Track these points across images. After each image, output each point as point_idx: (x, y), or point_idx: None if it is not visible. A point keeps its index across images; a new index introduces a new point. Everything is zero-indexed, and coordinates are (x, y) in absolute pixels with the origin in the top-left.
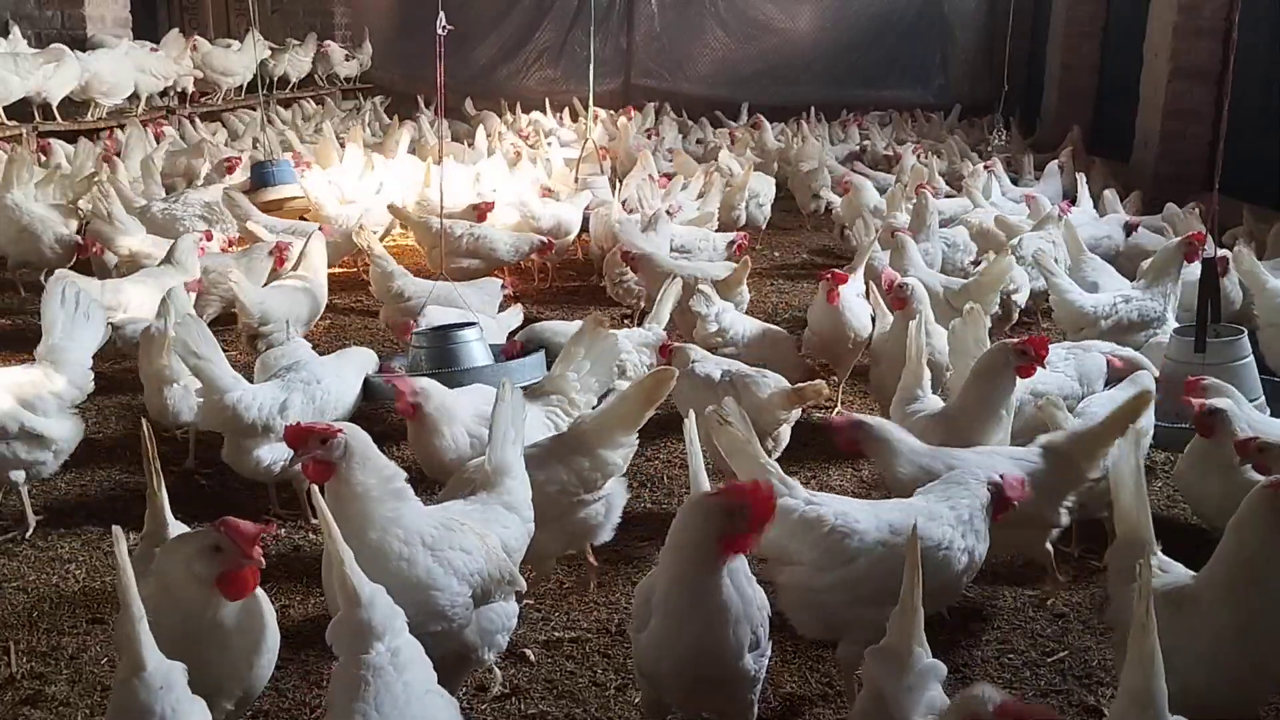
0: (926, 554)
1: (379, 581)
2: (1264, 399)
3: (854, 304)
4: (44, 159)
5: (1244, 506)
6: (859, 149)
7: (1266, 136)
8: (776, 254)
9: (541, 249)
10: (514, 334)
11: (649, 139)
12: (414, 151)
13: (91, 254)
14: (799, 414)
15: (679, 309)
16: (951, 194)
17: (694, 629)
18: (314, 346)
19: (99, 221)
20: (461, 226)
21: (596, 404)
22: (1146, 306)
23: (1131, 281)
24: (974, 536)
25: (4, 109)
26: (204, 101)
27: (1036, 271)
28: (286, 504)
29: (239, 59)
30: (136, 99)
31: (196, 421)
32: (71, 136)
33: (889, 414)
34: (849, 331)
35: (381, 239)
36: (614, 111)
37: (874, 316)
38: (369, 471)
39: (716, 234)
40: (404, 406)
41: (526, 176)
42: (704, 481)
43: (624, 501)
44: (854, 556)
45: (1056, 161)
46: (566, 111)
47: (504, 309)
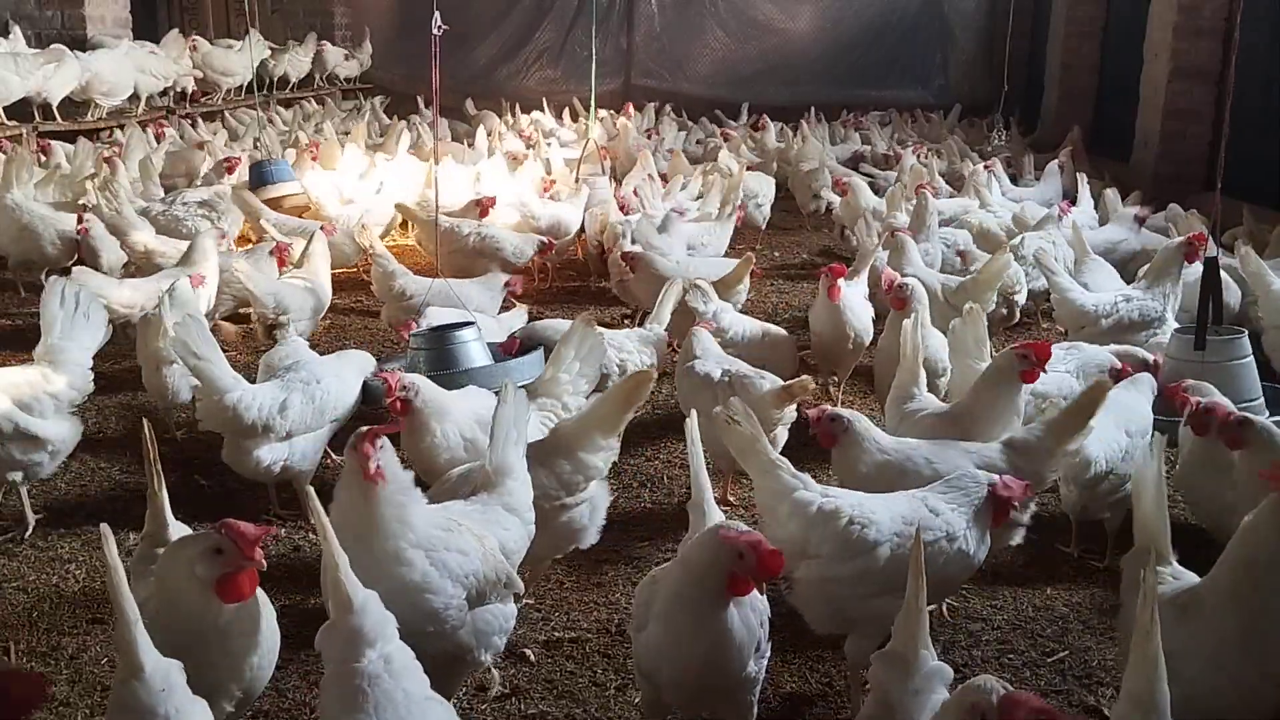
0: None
1: (378, 582)
2: (1263, 401)
3: (855, 304)
4: (44, 159)
5: (1257, 512)
6: (861, 152)
7: (1266, 136)
8: (776, 254)
9: (542, 250)
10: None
11: (649, 139)
12: (413, 151)
13: (78, 232)
14: (794, 414)
15: (679, 309)
16: (952, 194)
17: (698, 650)
18: (313, 347)
19: (115, 217)
20: (469, 226)
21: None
22: (1147, 306)
23: (1131, 283)
24: (969, 534)
25: (4, 109)
26: (204, 101)
27: (1037, 271)
28: (286, 504)
29: (239, 59)
30: (136, 99)
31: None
32: (71, 136)
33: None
34: (849, 330)
35: (381, 239)
36: (614, 111)
37: (874, 319)
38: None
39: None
40: (392, 401)
41: (527, 176)
42: (705, 482)
43: (607, 504)
44: (872, 547)
45: (1056, 161)
46: (567, 112)
47: (506, 309)
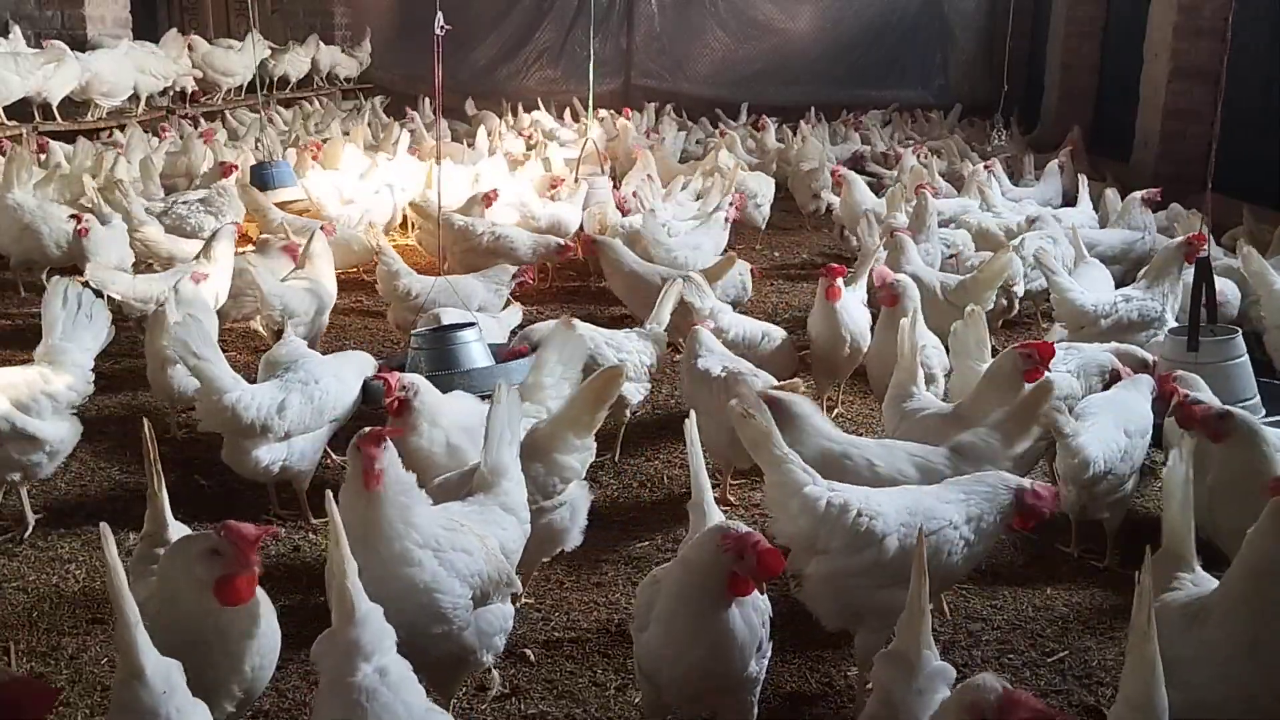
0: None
1: (387, 583)
2: (1259, 400)
3: (853, 310)
4: (43, 158)
5: (1262, 519)
6: (861, 152)
7: (1266, 136)
8: (776, 254)
9: (560, 250)
10: (514, 332)
11: (648, 139)
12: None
13: (77, 233)
14: None
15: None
16: (952, 194)
17: (699, 650)
18: (313, 346)
19: (146, 229)
20: (483, 225)
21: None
22: (1147, 306)
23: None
24: (975, 532)
25: (4, 109)
26: (203, 102)
27: (1037, 270)
28: (286, 504)
29: (239, 59)
30: (136, 99)
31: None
32: (71, 136)
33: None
34: (844, 333)
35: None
36: (614, 111)
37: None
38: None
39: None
40: (391, 401)
41: (527, 176)
42: (704, 482)
43: (588, 506)
44: (880, 538)
45: (1056, 161)
46: (568, 112)
47: (505, 306)
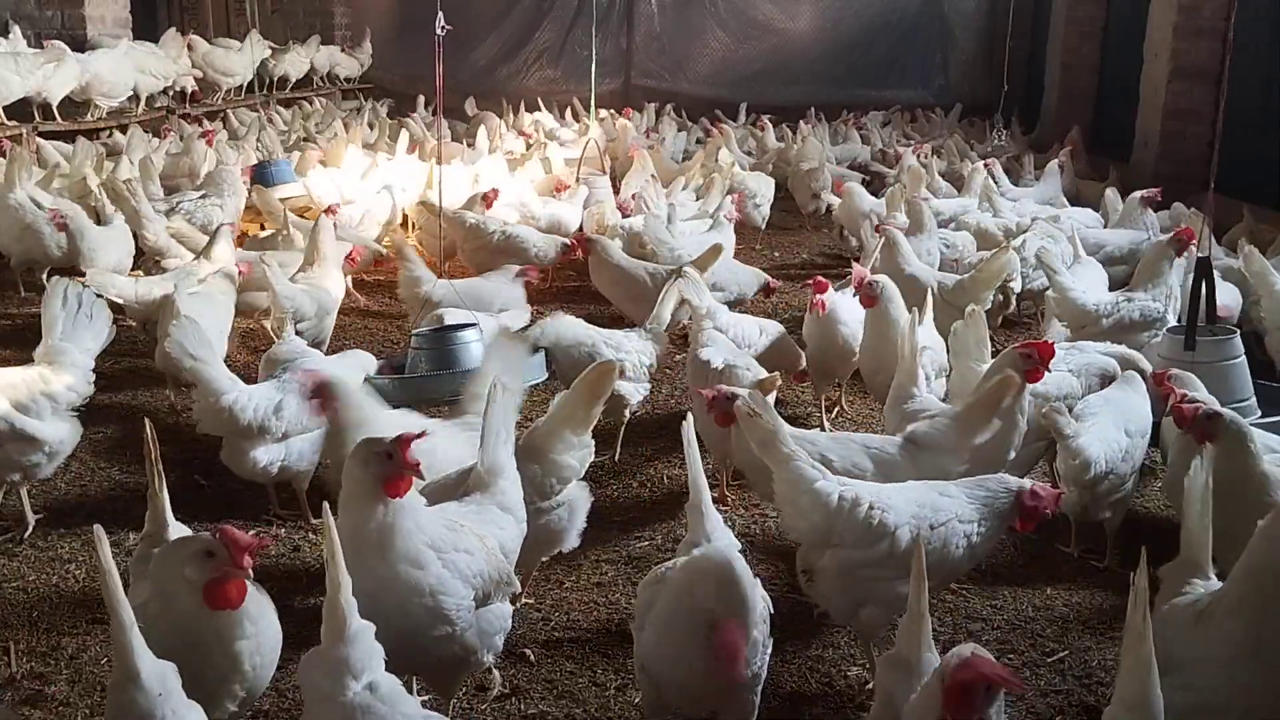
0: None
1: (393, 587)
2: (1254, 401)
3: (846, 313)
4: (41, 158)
5: (1265, 523)
6: (864, 163)
7: (1266, 136)
8: (776, 254)
9: (566, 251)
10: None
11: (648, 139)
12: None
13: (56, 224)
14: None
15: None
16: (952, 193)
17: (698, 666)
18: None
19: (132, 212)
20: (494, 224)
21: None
22: (1148, 306)
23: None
24: (980, 528)
25: (4, 109)
26: (204, 101)
27: (1038, 270)
28: (286, 504)
29: (239, 59)
30: (136, 99)
31: None
32: (71, 136)
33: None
34: (839, 340)
35: (380, 239)
36: (614, 112)
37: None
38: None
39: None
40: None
41: (527, 176)
42: (702, 483)
43: (587, 506)
44: (892, 531)
45: (1057, 161)
46: (569, 112)
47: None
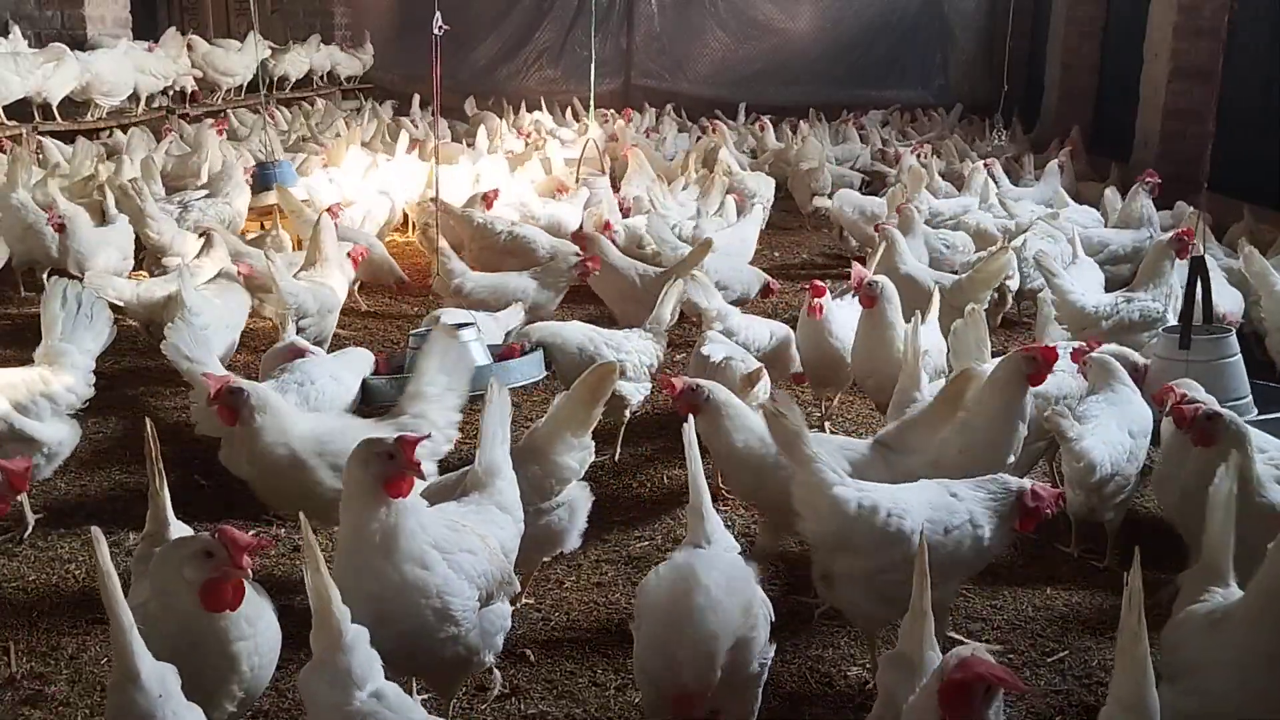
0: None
1: (399, 591)
2: (1251, 400)
3: (840, 329)
4: (41, 157)
5: None
6: (867, 179)
7: (1266, 136)
8: (776, 254)
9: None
10: (510, 334)
11: (648, 139)
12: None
13: (53, 224)
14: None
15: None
16: (952, 193)
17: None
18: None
19: (137, 212)
20: (502, 224)
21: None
22: (1148, 307)
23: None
24: (990, 530)
25: (4, 109)
26: (204, 101)
27: (1036, 271)
28: None
29: (239, 59)
30: (136, 99)
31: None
32: (71, 136)
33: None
34: (829, 349)
35: (379, 238)
36: (614, 112)
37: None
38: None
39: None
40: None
41: (528, 176)
42: (702, 485)
43: (588, 506)
44: (910, 535)
45: (1057, 161)
46: (569, 112)
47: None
